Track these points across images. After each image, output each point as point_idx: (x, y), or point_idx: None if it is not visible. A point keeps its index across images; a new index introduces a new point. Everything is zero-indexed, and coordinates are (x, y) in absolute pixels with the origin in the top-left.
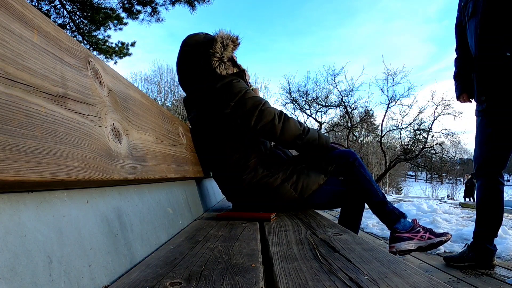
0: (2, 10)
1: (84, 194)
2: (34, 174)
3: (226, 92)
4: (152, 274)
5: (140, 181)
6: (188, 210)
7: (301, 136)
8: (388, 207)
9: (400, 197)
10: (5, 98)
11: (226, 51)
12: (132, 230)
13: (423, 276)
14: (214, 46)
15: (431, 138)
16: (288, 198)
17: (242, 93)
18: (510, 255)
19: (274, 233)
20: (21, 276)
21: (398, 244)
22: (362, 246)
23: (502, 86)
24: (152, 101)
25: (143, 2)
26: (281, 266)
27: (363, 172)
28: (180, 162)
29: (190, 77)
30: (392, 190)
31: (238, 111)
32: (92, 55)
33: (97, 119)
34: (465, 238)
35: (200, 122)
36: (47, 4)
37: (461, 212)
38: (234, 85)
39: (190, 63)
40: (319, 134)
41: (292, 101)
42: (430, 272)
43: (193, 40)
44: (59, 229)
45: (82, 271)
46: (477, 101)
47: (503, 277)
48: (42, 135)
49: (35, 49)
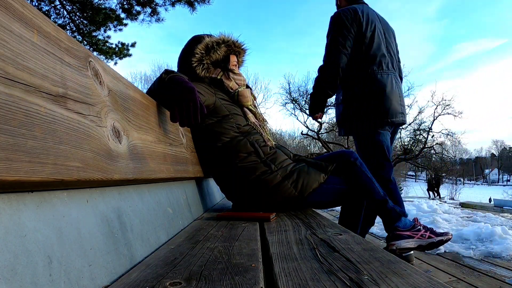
0: (2, 10)
1: (84, 194)
2: (34, 174)
3: None
4: (152, 274)
5: (140, 181)
6: (188, 210)
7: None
8: (389, 205)
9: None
10: (5, 98)
11: (211, 54)
12: (132, 230)
13: (423, 276)
14: (197, 47)
15: (431, 138)
16: (288, 196)
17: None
18: (510, 255)
19: (274, 233)
20: (21, 276)
21: (398, 242)
22: (362, 246)
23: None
24: (152, 101)
25: (143, 3)
26: (281, 266)
27: (364, 171)
28: (180, 162)
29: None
30: None
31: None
32: (92, 55)
33: (97, 119)
34: (465, 238)
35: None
36: (47, 4)
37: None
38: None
39: (180, 61)
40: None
41: (292, 101)
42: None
43: (190, 40)
44: (59, 229)
45: (82, 271)
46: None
47: (503, 277)
48: (42, 135)
49: (35, 49)
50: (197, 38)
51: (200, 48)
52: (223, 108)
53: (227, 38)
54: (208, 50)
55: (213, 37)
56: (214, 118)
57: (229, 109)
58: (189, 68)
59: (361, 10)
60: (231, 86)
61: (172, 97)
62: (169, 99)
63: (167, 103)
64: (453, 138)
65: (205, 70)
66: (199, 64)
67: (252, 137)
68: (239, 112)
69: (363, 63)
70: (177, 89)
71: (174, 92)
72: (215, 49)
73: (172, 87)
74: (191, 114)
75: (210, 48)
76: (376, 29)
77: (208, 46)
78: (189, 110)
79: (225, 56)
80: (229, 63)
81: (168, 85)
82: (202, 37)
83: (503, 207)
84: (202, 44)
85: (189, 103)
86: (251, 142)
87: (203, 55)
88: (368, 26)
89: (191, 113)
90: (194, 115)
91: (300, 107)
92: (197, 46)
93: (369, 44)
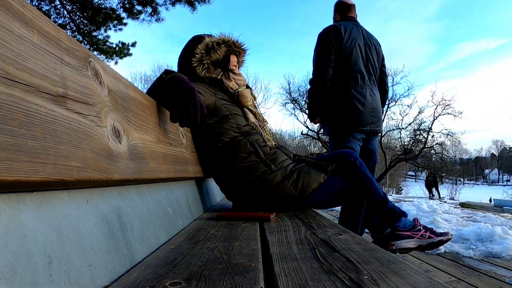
0: (2, 10)
1: (84, 194)
2: (34, 174)
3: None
4: (152, 274)
5: (140, 181)
6: (188, 210)
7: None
8: (389, 205)
9: (400, 197)
10: (5, 98)
11: (212, 54)
12: (132, 230)
13: (423, 276)
14: (197, 47)
15: (431, 138)
16: (288, 196)
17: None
18: (510, 255)
19: (274, 233)
20: (21, 276)
21: (398, 242)
22: (362, 246)
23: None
24: (152, 101)
25: (144, 2)
26: (281, 266)
27: (364, 171)
28: (180, 162)
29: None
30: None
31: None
32: (92, 55)
33: (97, 119)
34: (465, 238)
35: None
36: (47, 4)
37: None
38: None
39: (180, 61)
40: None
41: (292, 101)
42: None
43: (190, 39)
44: (59, 229)
45: (82, 271)
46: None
47: (503, 277)
48: (42, 135)
49: (35, 49)
50: (197, 38)
51: (200, 48)
52: (223, 108)
53: (227, 38)
54: (209, 50)
55: (213, 37)
56: (214, 118)
57: (229, 109)
58: (189, 68)
59: (345, 28)
60: (231, 86)
61: (172, 97)
62: (169, 99)
63: (167, 103)
64: (453, 138)
65: (205, 70)
66: (199, 64)
67: (252, 137)
68: (239, 112)
69: (342, 77)
70: (177, 89)
71: (174, 92)
72: (215, 49)
73: (172, 87)
74: (191, 114)
75: (210, 48)
76: (355, 46)
77: (208, 46)
78: (189, 111)
79: (225, 56)
80: (229, 63)
81: (168, 85)
82: (203, 37)
83: (503, 207)
84: (202, 44)
85: (189, 104)
86: (251, 142)
87: (203, 55)
88: (348, 43)
89: (191, 114)
90: (194, 115)
91: (300, 107)
92: (197, 46)
93: (347, 60)
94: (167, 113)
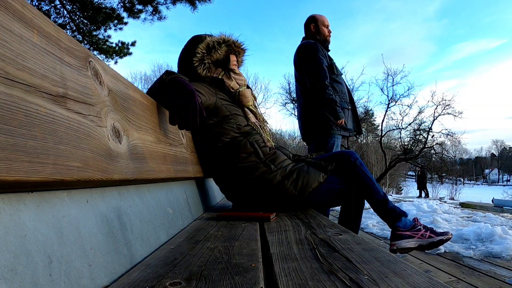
0: (2, 10)
1: (84, 194)
2: (34, 174)
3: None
4: (152, 274)
5: (140, 181)
6: (188, 210)
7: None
8: (389, 205)
9: (400, 197)
10: (5, 98)
11: (212, 53)
12: (132, 230)
13: (423, 276)
14: (198, 46)
15: (431, 138)
16: (287, 196)
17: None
18: (510, 255)
19: (274, 233)
20: (21, 276)
21: (399, 242)
22: (362, 246)
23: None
24: (152, 101)
25: (144, 1)
26: (281, 266)
27: (364, 171)
28: (180, 162)
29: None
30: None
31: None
32: (92, 55)
33: (97, 119)
34: (465, 238)
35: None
36: (47, 4)
37: (461, 212)
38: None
39: (181, 61)
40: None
41: (292, 101)
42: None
43: (190, 39)
44: (59, 229)
45: (82, 271)
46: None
47: (503, 277)
48: (42, 135)
49: (35, 49)
50: (198, 38)
51: (201, 47)
52: (224, 109)
53: (228, 38)
54: (209, 49)
55: (213, 37)
56: (215, 119)
57: (229, 109)
58: (190, 68)
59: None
60: (232, 86)
61: (172, 99)
62: (169, 101)
63: (167, 104)
64: (453, 138)
65: (207, 69)
66: (201, 63)
67: (252, 138)
68: (240, 112)
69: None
70: (177, 91)
71: (174, 94)
72: (216, 48)
73: (172, 89)
74: (190, 117)
75: (211, 48)
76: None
77: (209, 45)
78: (189, 114)
79: (226, 56)
80: (230, 63)
81: (168, 87)
82: (203, 37)
83: (503, 207)
84: (203, 43)
85: (188, 107)
86: (250, 143)
87: (205, 55)
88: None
89: (190, 117)
90: (193, 119)
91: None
92: (198, 46)
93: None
94: (167, 113)
